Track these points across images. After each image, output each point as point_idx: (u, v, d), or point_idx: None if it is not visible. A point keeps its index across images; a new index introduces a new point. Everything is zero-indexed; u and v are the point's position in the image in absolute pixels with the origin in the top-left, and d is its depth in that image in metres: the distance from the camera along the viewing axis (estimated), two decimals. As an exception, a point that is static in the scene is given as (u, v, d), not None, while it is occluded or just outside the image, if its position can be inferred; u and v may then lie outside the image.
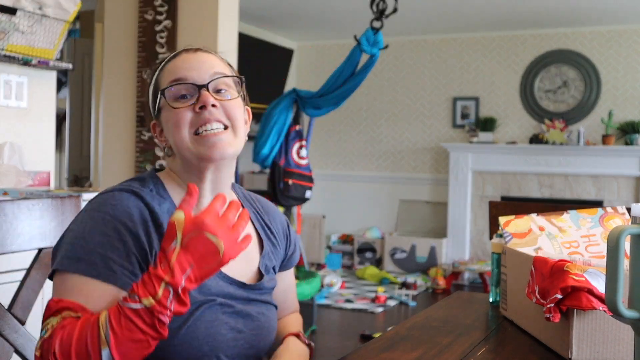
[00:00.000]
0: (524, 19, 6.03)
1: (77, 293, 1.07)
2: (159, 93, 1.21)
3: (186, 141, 1.17)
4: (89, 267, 1.08)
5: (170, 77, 1.20)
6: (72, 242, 1.11)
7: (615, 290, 0.93)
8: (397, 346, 1.30)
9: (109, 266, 1.08)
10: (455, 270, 6.13)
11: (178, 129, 1.17)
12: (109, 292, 1.08)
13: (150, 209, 1.14)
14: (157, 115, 1.23)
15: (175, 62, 1.22)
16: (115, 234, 1.10)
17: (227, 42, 3.84)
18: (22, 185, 2.55)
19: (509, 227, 1.52)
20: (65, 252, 1.11)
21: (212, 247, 1.02)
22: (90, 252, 1.09)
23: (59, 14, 2.65)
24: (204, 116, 1.16)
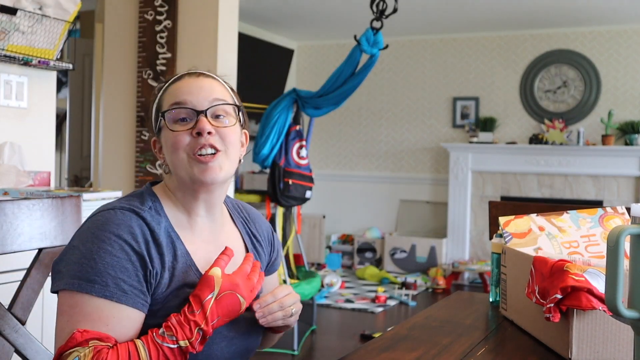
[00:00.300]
0: (524, 19, 6.03)
1: (97, 319, 1.12)
2: (160, 113, 1.27)
3: (183, 163, 1.23)
4: (102, 288, 1.13)
5: (171, 99, 1.25)
6: (79, 261, 1.15)
7: (615, 290, 0.93)
8: (397, 346, 1.30)
9: (120, 287, 1.14)
10: (455, 270, 6.13)
11: (175, 151, 1.23)
12: (123, 312, 1.14)
13: (150, 229, 1.20)
14: (157, 133, 1.29)
15: (177, 85, 1.27)
16: (123, 255, 1.15)
17: (227, 42, 3.84)
18: (22, 185, 2.55)
19: (509, 227, 1.52)
20: (74, 272, 1.14)
21: (238, 305, 1.19)
22: (101, 273, 1.13)
23: (59, 14, 2.65)
24: (199, 141, 1.22)
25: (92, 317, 1.12)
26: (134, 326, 1.15)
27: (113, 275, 1.13)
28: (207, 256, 1.27)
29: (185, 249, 1.24)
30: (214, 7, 3.76)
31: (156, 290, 1.18)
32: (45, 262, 1.45)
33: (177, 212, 1.27)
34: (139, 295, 1.15)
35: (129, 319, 1.14)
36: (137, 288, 1.15)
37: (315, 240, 6.87)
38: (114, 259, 1.14)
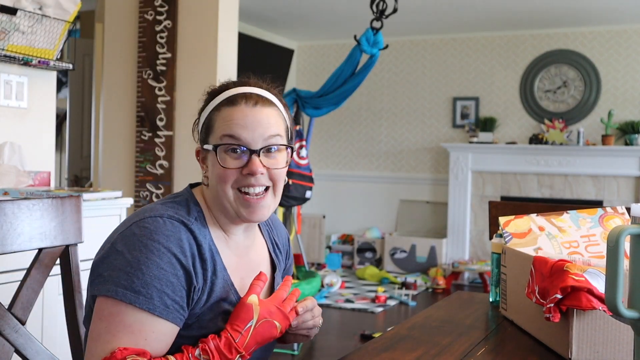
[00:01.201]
0: (524, 19, 6.03)
1: (137, 331, 1.11)
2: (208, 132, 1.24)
3: (229, 197, 1.22)
4: (147, 301, 1.12)
5: (224, 129, 1.21)
6: (125, 270, 1.13)
7: (615, 290, 0.93)
8: (397, 346, 1.30)
9: (164, 301, 1.13)
10: (455, 270, 6.13)
11: (222, 184, 1.22)
12: (163, 327, 1.13)
13: (198, 243, 1.19)
14: (202, 144, 1.26)
15: (233, 112, 1.22)
16: (171, 268, 1.14)
17: (227, 42, 3.84)
18: (22, 185, 2.55)
19: (509, 227, 1.52)
20: (119, 280, 1.13)
21: (275, 330, 1.20)
22: (147, 285, 1.12)
23: (59, 14, 2.65)
24: (249, 180, 1.21)
25: (132, 329, 1.11)
26: (169, 341, 1.15)
27: (159, 288, 1.12)
28: (240, 271, 1.28)
29: (223, 264, 1.24)
30: (214, 7, 3.76)
31: (195, 306, 1.18)
32: (45, 262, 1.45)
33: (214, 226, 1.26)
34: (179, 311, 1.15)
35: (166, 335, 1.14)
36: (178, 303, 1.14)
37: (315, 240, 6.87)
38: (161, 272, 1.13)
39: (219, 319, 1.21)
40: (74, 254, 1.50)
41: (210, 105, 1.25)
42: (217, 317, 1.21)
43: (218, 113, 1.23)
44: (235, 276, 1.26)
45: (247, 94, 1.24)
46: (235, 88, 1.26)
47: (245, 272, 1.29)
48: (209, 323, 1.20)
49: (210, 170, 1.24)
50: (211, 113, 1.24)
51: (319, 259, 6.82)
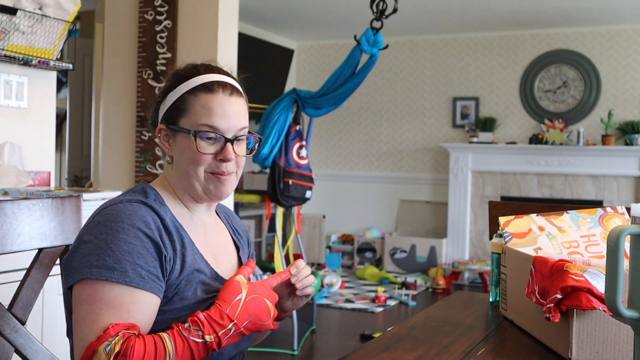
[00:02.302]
0: (524, 19, 6.03)
1: (118, 305, 1.14)
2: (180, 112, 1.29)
3: (199, 178, 1.29)
4: (121, 275, 1.14)
5: (204, 116, 1.27)
6: (95, 252, 1.16)
7: (615, 290, 0.93)
8: (397, 346, 1.30)
9: (138, 273, 1.16)
10: (455, 270, 6.13)
11: (195, 166, 1.28)
12: (143, 298, 1.16)
13: (160, 217, 1.24)
14: (169, 124, 1.30)
15: (212, 101, 1.28)
16: (138, 242, 1.18)
17: (227, 42, 3.84)
18: (22, 185, 2.55)
19: (509, 227, 1.52)
20: (91, 262, 1.16)
21: (267, 309, 1.24)
22: (119, 260, 1.15)
23: (59, 14, 2.65)
24: (220, 167, 1.29)
25: (113, 304, 1.13)
26: (151, 312, 1.18)
27: (130, 261, 1.16)
28: (210, 247, 1.33)
29: (190, 238, 1.28)
30: (214, 7, 3.76)
31: (170, 276, 1.22)
32: (45, 262, 1.45)
33: (177, 206, 1.32)
34: (155, 281, 1.18)
35: (147, 305, 1.17)
36: (153, 273, 1.17)
37: (315, 240, 6.87)
38: (129, 246, 1.16)
39: (198, 289, 1.24)
40: (74, 254, 1.50)
41: (183, 88, 1.29)
42: (196, 287, 1.24)
43: (195, 98, 1.28)
44: (206, 252, 1.31)
45: (222, 82, 1.30)
46: (207, 74, 1.31)
47: (215, 249, 1.35)
48: (188, 294, 1.23)
49: (180, 151, 1.29)
50: (185, 95, 1.29)
51: (319, 259, 6.82)
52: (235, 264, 1.41)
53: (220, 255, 1.35)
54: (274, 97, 4.96)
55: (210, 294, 1.27)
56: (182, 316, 1.21)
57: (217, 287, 1.29)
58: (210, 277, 1.28)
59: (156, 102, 1.35)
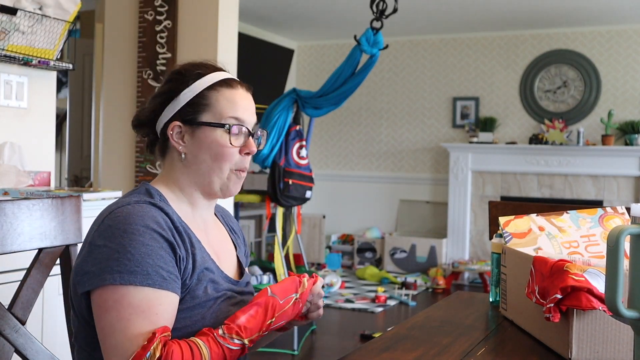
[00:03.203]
0: (524, 19, 6.03)
1: (147, 309, 1.13)
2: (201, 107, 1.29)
3: (223, 174, 1.30)
4: (145, 278, 1.14)
5: (230, 109, 1.29)
6: (114, 256, 1.15)
7: (615, 290, 0.93)
8: (397, 346, 1.30)
9: (160, 274, 1.16)
10: (455, 270, 6.13)
11: (222, 162, 1.29)
12: (167, 298, 1.16)
13: (169, 217, 1.24)
14: (186, 122, 1.30)
15: (236, 95, 1.31)
16: (155, 243, 1.17)
17: (227, 42, 3.84)
18: (22, 185, 2.55)
19: (509, 227, 1.52)
20: (111, 268, 1.14)
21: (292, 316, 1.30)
22: (140, 263, 1.15)
23: (59, 14, 2.65)
24: (245, 161, 1.32)
25: (141, 308, 1.13)
26: (174, 312, 1.18)
27: (151, 263, 1.15)
28: (213, 246, 1.34)
29: (196, 237, 1.29)
30: (214, 7, 3.76)
31: (184, 276, 1.22)
32: (45, 262, 1.45)
33: (181, 205, 1.32)
34: (176, 280, 1.18)
35: (172, 305, 1.17)
36: (173, 273, 1.18)
37: (315, 240, 6.87)
38: (148, 248, 1.16)
39: (208, 288, 1.25)
40: (74, 254, 1.50)
41: (200, 84, 1.30)
42: (206, 285, 1.25)
43: (217, 93, 1.30)
44: (210, 251, 1.32)
45: (238, 79, 1.34)
46: (219, 72, 1.34)
47: (217, 247, 1.36)
48: (199, 292, 1.24)
49: (203, 146, 1.29)
50: (205, 92, 1.30)
51: (319, 259, 6.82)
52: (235, 262, 1.42)
53: (221, 253, 1.36)
54: (274, 97, 4.96)
55: (220, 292, 1.27)
56: (194, 315, 1.22)
57: (226, 286, 1.30)
58: (218, 275, 1.29)
59: (156, 103, 1.34)
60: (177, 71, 1.34)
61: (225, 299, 1.29)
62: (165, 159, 1.35)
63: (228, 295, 1.30)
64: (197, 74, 1.32)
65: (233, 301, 1.31)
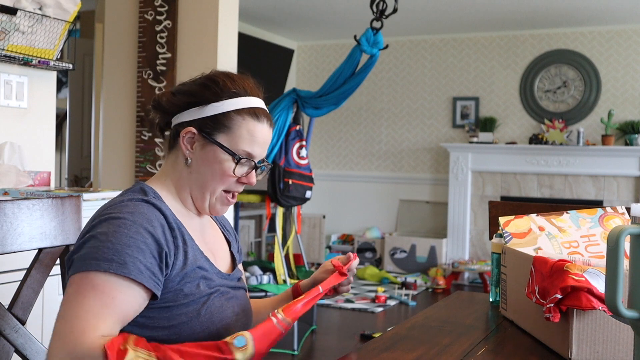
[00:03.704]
0: (524, 19, 6.03)
1: (106, 291, 1.13)
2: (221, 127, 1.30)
3: (213, 193, 1.33)
4: (120, 266, 1.14)
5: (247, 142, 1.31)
6: (97, 245, 1.17)
7: (615, 290, 0.93)
8: (397, 346, 1.30)
9: (137, 266, 1.16)
10: (455, 270, 6.13)
11: (218, 183, 1.32)
12: (134, 291, 1.16)
13: (163, 213, 1.26)
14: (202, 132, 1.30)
15: (257, 130, 1.32)
16: (139, 237, 1.18)
17: (227, 42, 3.84)
18: (22, 185, 2.55)
19: (509, 227, 1.52)
20: (92, 254, 1.16)
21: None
22: (118, 252, 1.15)
23: (59, 14, 2.65)
24: (238, 188, 1.35)
25: (100, 288, 1.13)
26: (139, 306, 1.18)
27: (130, 254, 1.16)
28: (206, 244, 1.36)
29: (190, 235, 1.30)
30: (214, 7, 3.76)
31: (172, 271, 1.23)
32: (46, 262, 1.45)
33: (176, 204, 1.34)
34: (152, 277, 1.18)
35: (136, 298, 1.16)
36: (150, 270, 1.18)
37: (315, 240, 6.87)
38: (130, 240, 1.17)
39: (201, 285, 1.27)
40: (74, 254, 1.50)
41: (230, 104, 1.31)
42: (198, 282, 1.26)
43: (242, 120, 1.31)
44: (205, 249, 1.34)
45: (265, 110, 1.36)
46: (253, 97, 1.34)
47: (212, 246, 1.38)
48: (192, 289, 1.25)
49: (205, 162, 1.31)
50: (232, 114, 1.30)
51: (319, 259, 6.81)
52: (229, 259, 1.44)
53: (217, 252, 1.39)
54: (274, 97, 4.96)
55: (213, 288, 1.29)
56: (189, 311, 1.23)
57: (220, 282, 1.32)
58: (212, 272, 1.31)
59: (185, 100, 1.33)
60: (214, 79, 1.33)
61: (219, 294, 1.30)
62: (170, 154, 1.36)
63: (221, 290, 1.31)
64: (233, 93, 1.32)
65: (227, 296, 1.32)
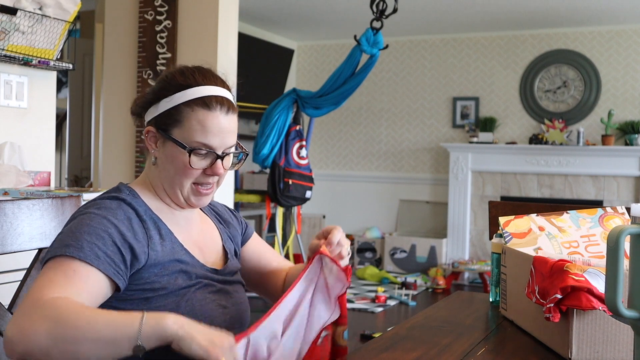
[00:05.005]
0: (524, 19, 6.03)
1: (64, 271, 1.13)
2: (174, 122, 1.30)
3: (183, 187, 1.32)
4: (77, 250, 1.15)
5: (200, 134, 1.28)
6: (60, 237, 1.20)
7: (615, 290, 0.93)
8: (397, 346, 1.30)
9: (94, 251, 1.17)
10: (455, 270, 6.13)
11: (183, 178, 1.31)
12: (94, 275, 1.16)
13: (132, 207, 1.28)
14: (160, 130, 1.31)
15: (209, 119, 1.29)
16: (100, 226, 1.20)
17: (227, 42, 3.84)
18: (22, 185, 2.55)
19: (509, 227, 1.52)
20: (55, 245, 1.19)
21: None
22: (77, 239, 1.17)
23: (59, 14, 2.65)
24: (207, 180, 1.32)
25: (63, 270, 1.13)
26: (97, 291, 1.16)
27: (88, 240, 1.17)
28: (193, 240, 1.36)
29: (169, 229, 1.31)
30: (214, 7, 3.76)
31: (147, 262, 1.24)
32: (45, 262, 1.45)
33: (156, 201, 1.35)
34: (111, 264, 1.18)
35: (97, 283, 1.16)
36: (109, 257, 1.18)
37: (315, 240, 6.86)
38: (90, 228, 1.19)
39: (179, 278, 1.28)
40: (74, 254, 1.50)
41: (179, 97, 1.30)
42: (177, 276, 1.27)
43: (192, 112, 1.29)
44: (189, 244, 1.34)
45: (219, 97, 1.31)
46: (205, 86, 1.31)
47: (201, 242, 1.38)
48: (171, 281, 1.26)
49: (168, 158, 1.31)
50: (181, 107, 1.29)
51: (319, 259, 6.80)
52: (220, 252, 1.44)
53: (205, 246, 1.38)
54: (274, 97, 4.96)
55: (193, 281, 1.30)
56: (168, 303, 1.25)
57: (203, 275, 1.32)
58: (193, 265, 1.31)
59: (146, 100, 1.35)
60: (167, 76, 1.35)
61: (202, 287, 1.31)
62: (148, 155, 1.38)
63: (204, 283, 1.31)
64: (180, 85, 1.31)
65: (211, 289, 1.33)
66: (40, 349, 1.03)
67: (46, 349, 1.03)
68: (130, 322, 1.04)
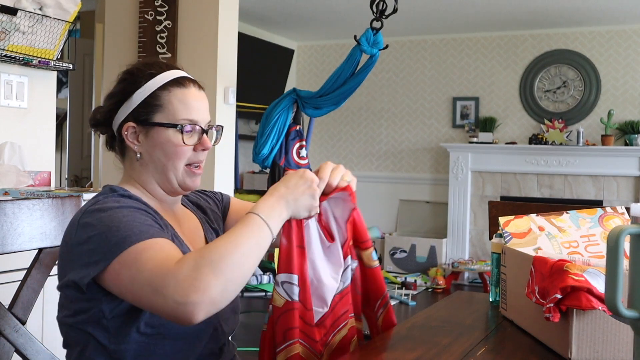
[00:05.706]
0: (524, 19, 6.03)
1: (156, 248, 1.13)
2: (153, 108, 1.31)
3: (178, 171, 1.33)
4: (140, 236, 1.14)
5: (182, 110, 1.32)
6: (103, 239, 1.15)
7: (615, 290, 0.93)
8: (397, 346, 1.30)
9: (152, 227, 1.18)
10: (455, 270, 6.13)
11: (176, 160, 1.32)
12: (166, 244, 1.16)
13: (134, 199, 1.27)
14: (139, 122, 1.32)
15: (188, 95, 1.33)
16: (132, 212, 1.20)
17: (227, 42, 3.84)
18: (22, 185, 2.55)
19: (509, 227, 1.52)
20: (107, 248, 1.13)
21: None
22: (129, 229, 1.15)
23: (60, 14, 2.65)
24: (199, 157, 1.35)
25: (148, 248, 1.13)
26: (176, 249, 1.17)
27: (138, 224, 1.16)
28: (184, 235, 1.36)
29: (168, 222, 1.32)
30: (214, 7, 3.76)
31: None
32: (46, 262, 1.45)
33: (148, 200, 1.34)
34: (164, 230, 1.23)
35: (168, 244, 1.16)
36: (154, 226, 1.20)
37: (315, 240, 6.86)
38: (128, 218, 1.17)
39: None
40: (74, 254, 1.50)
41: (152, 85, 1.32)
42: None
43: (169, 93, 1.32)
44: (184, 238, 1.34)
45: (188, 77, 1.36)
46: (171, 71, 1.35)
47: (189, 238, 1.37)
48: None
49: (156, 146, 1.32)
50: (157, 92, 1.31)
51: (319, 259, 6.81)
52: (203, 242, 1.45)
53: (195, 244, 1.39)
54: (274, 97, 4.95)
55: None
56: None
57: None
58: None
59: (112, 103, 1.35)
60: (129, 71, 1.36)
61: None
62: (125, 158, 1.38)
63: None
64: (149, 74, 1.33)
65: None
66: (216, 291, 1.06)
67: (223, 285, 1.07)
68: (257, 226, 1.15)
